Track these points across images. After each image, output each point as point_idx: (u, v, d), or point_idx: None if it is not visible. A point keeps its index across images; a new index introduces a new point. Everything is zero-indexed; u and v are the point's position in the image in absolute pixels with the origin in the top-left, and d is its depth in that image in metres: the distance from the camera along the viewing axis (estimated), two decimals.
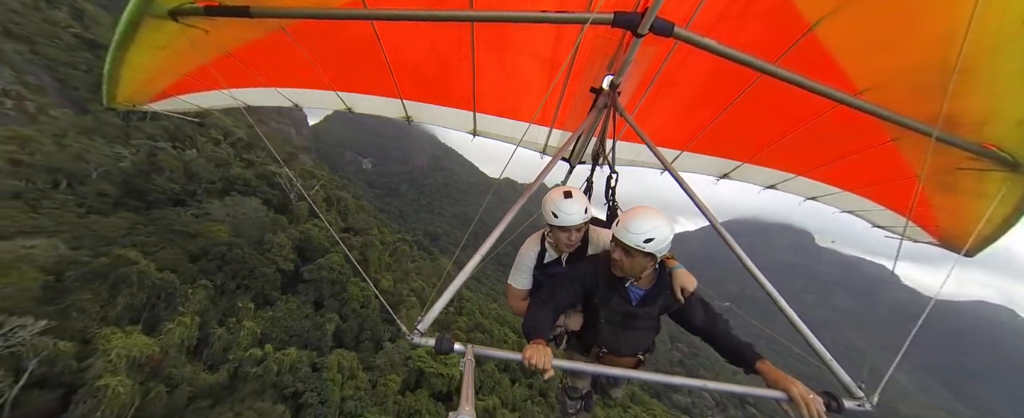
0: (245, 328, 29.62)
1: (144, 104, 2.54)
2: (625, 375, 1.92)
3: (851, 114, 2.03)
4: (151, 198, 35.65)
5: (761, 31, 2.06)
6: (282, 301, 34.04)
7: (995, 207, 2.12)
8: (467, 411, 1.18)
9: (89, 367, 19.90)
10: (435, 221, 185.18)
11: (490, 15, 1.99)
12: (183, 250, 30.21)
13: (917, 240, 3.21)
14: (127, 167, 34.38)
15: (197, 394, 24.81)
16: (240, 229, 35.31)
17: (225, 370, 27.09)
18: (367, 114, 3.56)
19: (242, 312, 30.79)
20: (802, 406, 1.57)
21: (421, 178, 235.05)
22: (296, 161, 65.37)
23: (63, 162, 31.28)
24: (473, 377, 1.40)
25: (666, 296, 2.02)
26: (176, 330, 25.27)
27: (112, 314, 23.30)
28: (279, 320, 32.43)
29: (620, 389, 3.06)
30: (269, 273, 33.94)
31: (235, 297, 31.39)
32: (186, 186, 38.73)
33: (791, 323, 1.88)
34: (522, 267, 2.38)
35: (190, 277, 28.77)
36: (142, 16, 1.69)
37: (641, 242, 1.75)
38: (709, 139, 3.39)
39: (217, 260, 31.58)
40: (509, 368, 37.76)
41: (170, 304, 26.40)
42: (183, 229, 31.74)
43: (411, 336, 1.65)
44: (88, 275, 23.54)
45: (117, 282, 24.21)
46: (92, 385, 19.13)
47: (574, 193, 2.14)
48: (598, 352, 2.20)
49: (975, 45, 1.56)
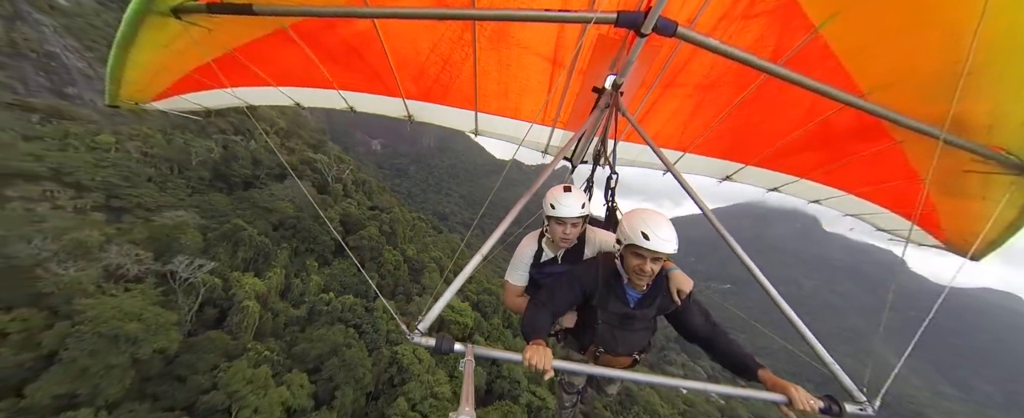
0: (313, 280, 40.75)
1: (146, 103, 2.54)
2: (623, 377, 1.95)
3: (856, 116, 2.07)
4: (232, 181, 46.21)
5: (766, 31, 2.05)
6: (336, 262, 45.10)
7: (1001, 210, 2.09)
8: (467, 411, 1.20)
9: (234, 296, 30.98)
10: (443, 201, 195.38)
11: (492, 14, 1.98)
12: (267, 221, 40.98)
13: (922, 243, 3.18)
14: (215, 156, 44.73)
15: (289, 321, 36.12)
16: (301, 206, 45.89)
17: (304, 308, 38.37)
18: (369, 113, 3.61)
19: (309, 268, 41.88)
20: (800, 405, 1.62)
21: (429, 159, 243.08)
22: (326, 147, 75.40)
23: (172, 153, 41.71)
24: (473, 377, 1.42)
25: (663, 297, 2.05)
26: (273, 277, 36.29)
27: (236, 263, 34.33)
28: (335, 276, 43.54)
29: (615, 385, 3.08)
30: (326, 240, 44.80)
31: (304, 257, 42.45)
32: (254, 172, 49.16)
33: (792, 325, 1.91)
34: (519, 265, 2.45)
35: (276, 241, 39.66)
36: (145, 14, 1.70)
37: (675, 248, 1.79)
38: (712, 140, 3.42)
39: (291, 229, 42.46)
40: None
41: (267, 259, 37.39)
42: (265, 205, 42.41)
43: (411, 336, 1.66)
44: (219, 237, 34.43)
45: (236, 242, 35.09)
46: (240, 305, 30.24)
47: (573, 188, 2.22)
48: (595, 351, 2.23)
49: (984, 46, 1.54)
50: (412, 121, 3.63)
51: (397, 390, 34.45)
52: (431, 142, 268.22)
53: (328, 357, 31.54)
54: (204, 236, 33.29)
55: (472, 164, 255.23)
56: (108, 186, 34.34)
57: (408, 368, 36.03)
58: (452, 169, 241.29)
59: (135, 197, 35.07)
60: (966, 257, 2.48)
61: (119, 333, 20.74)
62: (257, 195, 43.88)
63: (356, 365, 31.60)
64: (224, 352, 26.72)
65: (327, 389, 30.49)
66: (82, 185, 32.95)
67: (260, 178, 49.56)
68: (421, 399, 34.73)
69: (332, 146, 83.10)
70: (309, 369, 30.54)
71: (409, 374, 36.05)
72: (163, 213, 33.45)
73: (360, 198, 62.39)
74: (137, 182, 36.80)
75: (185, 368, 24.55)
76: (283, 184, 48.36)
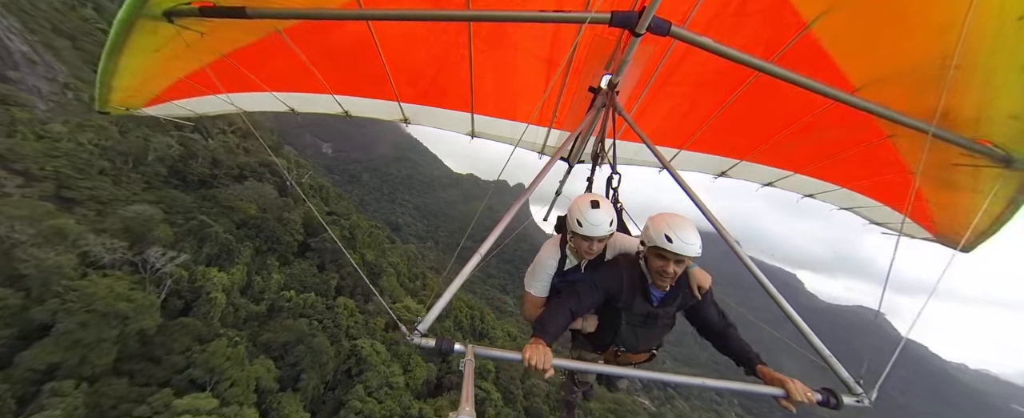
0: (274, 278, 43.13)
1: (138, 109, 2.49)
2: (626, 374, 2.01)
3: (847, 111, 2.07)
4: (189, 179, 46.91)
5: (758, 29, 2.10)
6: (297, 262, 47.65)
7: (990, 203, 2.14)
8: (467, 411, 1.20)
9: (200, 288, 33.30)
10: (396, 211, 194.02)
11: (487, 15, 2.00)
12: (230, 220, 42.88)
13: (914, 236, 3.24)
14: (174, 153, 45.54)
15: (249, 317, 38.37)
16: (265, 207, 48.09)
17: (264, 304, 40.66)
18: (364, 117, 3.56)
19: (271, 267, 44.18)
20: (798, 397, 1.69)
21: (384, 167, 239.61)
22: (283, 150, 75.79)
23: (127, 147, 42.07)
24: (473, 377, 1.44)
25: (684, 294, 2.13)
26: (236, 273, 38.51)
27: (201, 258, 36.33)
28: (296, 275, 46.13)
29: (626, 379, 3.11)
30: (288, 241, 47.36)
31: (265, 256, 44.67)
32: (213, 171, 50.11)
33: (792, 322, 1.91)
34: (542, 275, 2.37)
35: (239, 239, 41.78)
36: (136, 17, 1.68)
37: (699, 252, 1.86)
38: (707, 137, 3.47)
39: (254, 228, 44.60)
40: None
41: (230, 256, 39.52)
42: (229, 204, 44.17)
43: (411, 337, 1.66)
44: (184, 232, 36.26)
45: (202, 238, 37.10)
46: (208, 296, 32.73)
47: (602, 203, 2.13)
48: (616, 350, 2.27)
49: (971, 41, 1.58)
50: (408, 124, 3.66)
51: (355, 380, 38.35)
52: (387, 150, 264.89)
53: (294, 345, 34.89)
54: (173, 231, 35.14)
55: (429, 175, 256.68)
56: (59, 176, 34.65)
57: (367, 359, 40.11)
58: (408, 179, 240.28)
59: (87, 189, 35.60)
60: (957, 249, 2.56)
61: (110, 310, 23.40)
62: (221, 194, 45.41)
63: (321, 352, 35.36)
64: (196, 336, 29.32)
65: (291, 374, 33.73)
66: (31, 174, 33.15)
67: (219, 177, 50.55)
68: (377, 387, 39.01)
69: (288, 149, 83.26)
70: (274, 357, 33.60)
71: (367, 365, 40.09)
72: (128, 207, 34.72)
73: (317, 203, 64.48)
74: (90, 174, 37.14)
75: (160, 349, 27.01)
76: (244, 185, 50.01)
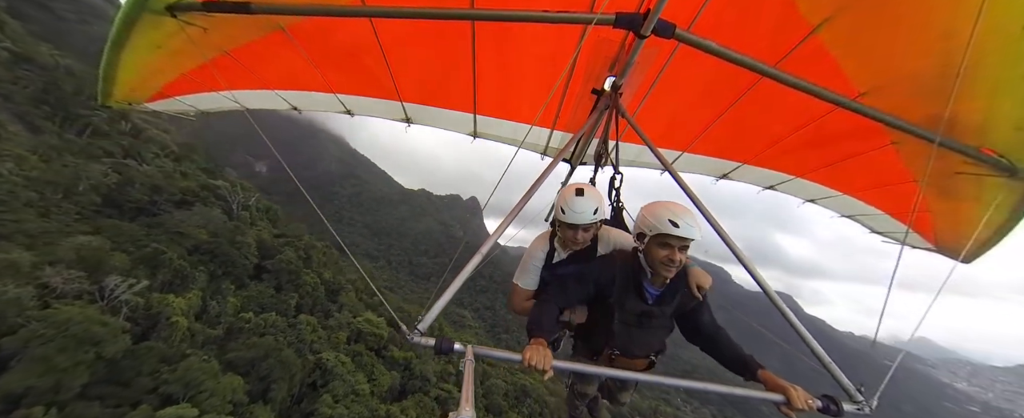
0: (230, 302, 43.88)
1: (140, 103, 2.52)
2: (628, 377, 1.96)
3: (851, 117, 2.08)
4: (126, 207, 45.76)
5: (763, 33, 2.10)
6: (253, 285, 48.45)
7: (992, 213, 2.14)
8: (467, 411, 1.21)
9: (158, 314, 34.22)
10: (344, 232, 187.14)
11: (491, 14, 2.02)
12: (182, 246, 43.09)
13: (916, 246, 3.22)
14: (110, 181, 44.53)
15: (206, 341, 39.15)
16: (217, 232, 48.44)
17: (221, 328, 41.42)
18: (366, 116, 3.59)
19: (226, 291, 44.79)
20: (799, 404, 1.66)
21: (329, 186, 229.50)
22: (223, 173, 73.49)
23: (54, 176, 40.67)
24: (473, 377, 1.44)
25: (682, 294, 2.06)
26: (191, 299, 39.23)
27: (156, 285, 36.86)
28: (253, 297, 47.03)
29: (628, 392, 3.04)
30: (244, 264, 48.16)
31: (220, 281, 45.20)
32: (152, 197, 49.12)
33: (792, 327, 1.89)
34: (530, 267, 2.39)
35: (193, 265, 42.26)
36: (140, 12, 1.70)
37: (701, 232, 1.83)
38: (710, 140, 3.48)
39: (207, 253, 45.02)
40: None
41: (184, 282, 40.10)
42: (177, 230, 44.22)
43: (411, 336, 1.67)
44: (136, 260, 36.58)
45: (155, 265, 37.57)
46: (168, 321, 33.85)
47: (588, 191, 2.13)
48: (611, 354, 2.19)
49: (977, 49, 1.57)
50: (410, 124, 3.68)
51: (321, 390, 40.76)
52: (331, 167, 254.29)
53: (261, 360, 36.82)
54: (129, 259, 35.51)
55: (379, 193, 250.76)
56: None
57: (332, 370, 42.68)
58: (356, 197, 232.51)
59: (13, 223, 34.59)
60: (958, 260, 2.54)
61: (86, 334, 24.91)
62: (168, 220, 45.18)
63: (290, 364, 37.74)
64: (162, 358, 30.63)
65: (259, 388, 35.58)
66: None
67: (159, 204, 49.62)
68: (344, 395, 41.79)
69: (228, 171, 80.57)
70: (241, 373, 35.28)
71: (333, 375, 42.64)
72: (73, 238, 34.56)
73: (266, 226, 64.35)
74: (15, 207, 35.91)
75: (128, 372, 28.24)
76: (192, 210, 49.77)
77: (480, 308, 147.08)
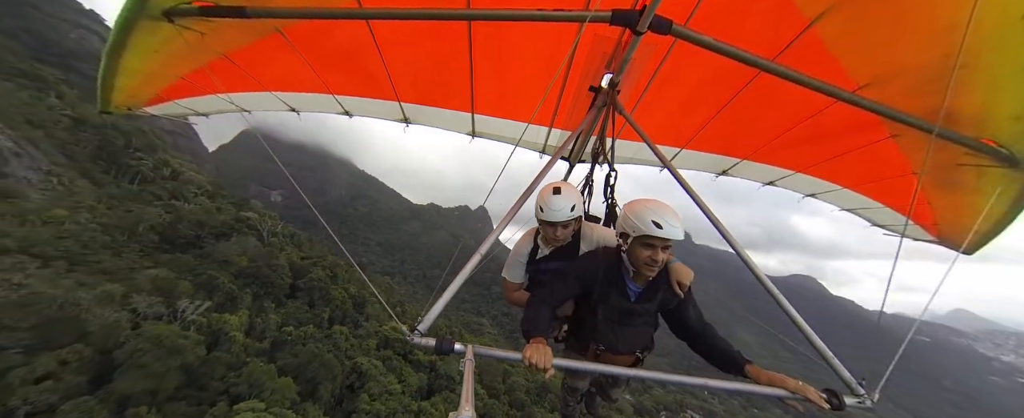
0: (272, 318, 49.76)
1: (139, 108, 2.54)
2: (625, 373, 1.98)
3: (850, 110, 2.10)
4: (178, 241, 52.44)
5: (760, 28, 2.11)
6: (290, 303, 54.41)
7: (993, 203, 2.14)
8: (467, 411, 1.21)
9: (218, 330, 40.10)
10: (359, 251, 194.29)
11: (487, 13, 2.04)
12: (228, 272, 49.36)
13: (917, 238, 3.23)
14: (164, 221, 51.35)
15: (255, 353, 44.88)
16: (254, 257, 54.75)
17: (267, 341, 47.19)
18: (364, 116, 3.64)
19: (268, 308, 50.75)
20: (803, 393, 1.67)
21: (340, 209, 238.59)
22: (251, 205, 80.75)
23: (121, 220, 47.56)
24: (473, 377, 1.45)
25: (664, 291, 2.09)
26: (242, 316, 45.16)
27: (213, 306, 42.97)
28: (291, 313, 52.89)
29: (620, 389, 3.09)
30: (280, 284, 54.22)
31: (263, 300, 51.27)
32: (197, 232, 55.85)
33: (793, 321, 1.91)
34: (515, 263, 2.55)
35: (239, 287, 48.42)
36: (137, 18, 1.72)
37: (683, 233, 1.82)
38: (708, 136, 3.49)
39: (250, 277, 51.24)
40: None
41: (234, 303, 46.16)
42: (223, 259, 50.63)
43: (411, 337, 1.69)
44: (196, 286, 42.82)
45: (211, 289, 43.74)
46: (228, 336, 39.69)
47: (564, 189, 2.19)
48: (596, 350, 2.23)
49: (975, 40, 1.58)
50: (409, 124, 3.70)
51: (359, 391, 45.91)
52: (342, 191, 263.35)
53: (306, 365, 42.26)
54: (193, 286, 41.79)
55: (388, 210, 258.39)
56: (70, 255, 40.11)
57: (367, 373, 47.83)
58: (367, 217, 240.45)
59: (97, 263, 41.16)
60: (959, 251, 2.58)
61: (174, 345, 30.76)
62: (216, 251, 51.80)
63: (332, 366, 43.13)
64: (228, 366, 36.31)
65: (307, 389, 40.88)
66: (47, 256, 38.51)
67: (202, 237, 56.31)
68: (379, 395, 46.74)
69: (255, 203, 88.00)
70: (293, 377, 40.75)
71: (368, 377, 47.77)
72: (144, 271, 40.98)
73: (294, 250, 70.73)
74: (95, 249, 42.60)
75: (203, 378, 33.96)
76: (231, 240, 56.31)
77: (498, 315, 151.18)
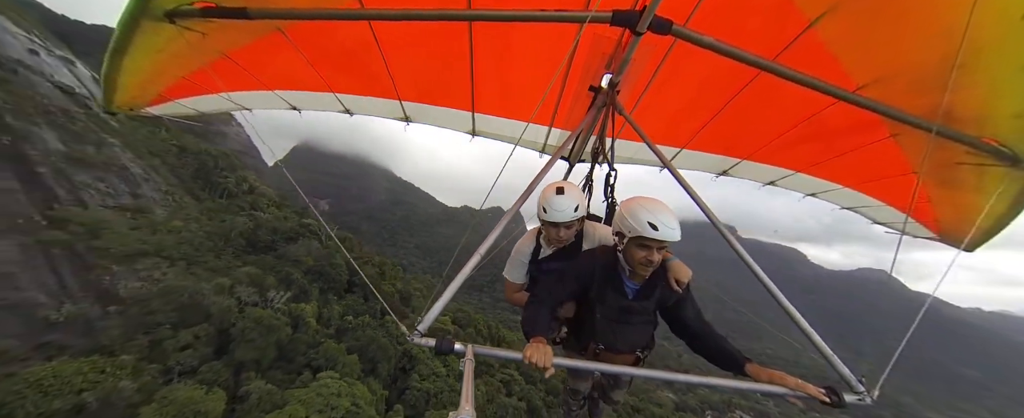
0: (335, 309, 58.26)
1: (142, 108, 2.57)
2: (626, 372, 2.01)
3: (851, 110, 2.11)
4: (259, 245, 62.85)
5: (760, 28, 2.12)
6: (348, 296, 63.00)
7: (994, 202, 2.15)
8: (467, 411, 1.21)
9: (298, 317, 48.59)
10: (399, 254, 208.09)
11: (488, 14, 2.06)
12: (299, 270, 58.68)
13: (917, 235, 3.25)
14: (248, 228, 61.88)
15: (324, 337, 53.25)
16: (318, 257, 64.06)
17: (333, 327, 55.55)
18: (365, 115, 3.69)
19: (331, 301, 59.43)
20: (802, 389, 1.68)
21: (380, 214, 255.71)
22: (310, 213, 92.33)
23: (218, 228, 58.38)
24: (473, 377, 1.47)
25: (662, 289, 2.07)
26: (313, 306, 53.82)
27: (290, 297, 51.91)
28: (350, 305, 61.33)
29: (621, 391, 3.06)
30: (339, 280, 62.98)
31: (327, 294, 60.11)
32: (272, 237, 66.28)
33: (792, 319, 1.92)
34: (516, 262, 2.53)
35: (309, 282, 57.44)
36: (139, 19, 1.75)
37: (679, 234, 1.80)
38: (708, 136, 3.50)
39: (316, 274, 60.34)
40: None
41: (306, 296, 55.01)
42: (294, 259, 60.17)
43: (411, 337, 1.71)
44: (278, 280, 52.05)
45: (288, 284, 52.79)
46: (305, 321, 48.03)
47: (567, 189, 2.18)
48: (595, 349, 2.21)
49: (974, 39, 1.59)
50: (409, 122, 3.74)
51: (410, 372, 52.78)
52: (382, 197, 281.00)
53: (367, 347, 49.73)
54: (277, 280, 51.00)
55: (425, 214, 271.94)
56: (187, 256, 50.64)
57: (416, 356, 54.66)
58: (405, 221, 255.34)
59: (204, 262, 51.46)
60: (960, 249, 2.59)
61: (272, 324, 38.96)
62: (288, 252, 61.66)
63: (387, 348, 50.31)
64: (307, 344, 44.39)
65: (368, 367, 48.23)
66: (173, 259, 49.10)
67: (276, 242, 66.65)
68: (428, 375, 53.27)
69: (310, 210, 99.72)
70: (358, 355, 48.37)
71: (417, 361, 54.59)
72: (239, 269, 50.65)
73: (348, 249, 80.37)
74: (203, 252, 53.13)
75: (289, 352, 42.09)
76: (298, 243, 66.13)
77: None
